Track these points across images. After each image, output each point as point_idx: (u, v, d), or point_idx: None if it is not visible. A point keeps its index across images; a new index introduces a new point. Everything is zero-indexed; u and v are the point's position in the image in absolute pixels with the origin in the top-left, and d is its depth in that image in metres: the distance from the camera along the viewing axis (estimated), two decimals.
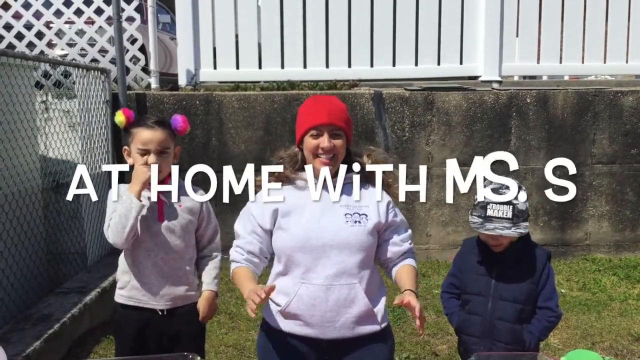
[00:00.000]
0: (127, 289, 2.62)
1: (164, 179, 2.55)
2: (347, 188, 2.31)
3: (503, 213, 2.38)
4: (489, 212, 2.39)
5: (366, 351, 2.28)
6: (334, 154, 2.26)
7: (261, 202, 2.29)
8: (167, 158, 2.57)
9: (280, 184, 2.33)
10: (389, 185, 2.35)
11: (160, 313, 2.61)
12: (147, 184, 2.48)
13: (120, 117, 2.59)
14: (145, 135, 2.54)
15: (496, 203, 2.39)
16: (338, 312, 2.24)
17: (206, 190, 2.25)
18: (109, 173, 5.51)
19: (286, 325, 2.30)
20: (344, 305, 2.24)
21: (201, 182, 2.73)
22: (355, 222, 2.26)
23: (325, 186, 2.28)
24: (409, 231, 2.41)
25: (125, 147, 2.64)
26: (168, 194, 2.56)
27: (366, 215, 2.29)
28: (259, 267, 2.33)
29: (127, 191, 2.51)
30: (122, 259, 2.65)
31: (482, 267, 2.53)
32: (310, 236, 2.23)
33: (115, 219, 2.47)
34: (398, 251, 2.35)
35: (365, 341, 2.29)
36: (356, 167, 2.30)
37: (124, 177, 2.60)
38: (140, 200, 2.48)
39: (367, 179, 2.35)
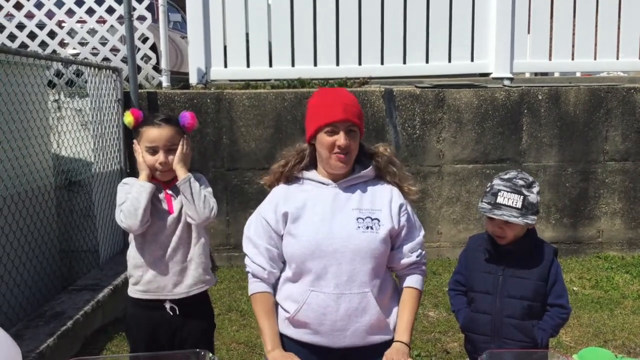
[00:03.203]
0: (142, 283, 2.63)
1: (173, 175, 2.62)
2: (359, 189, 2.27)
3: (513, 202, 2.38)
4: (499, 200, 2.40)
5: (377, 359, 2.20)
6: (349, 151, 2.19)
7: (273, 208, 2.26)
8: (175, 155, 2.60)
9: (284, 185, 2.31)
10: (402, 181, 2.31)
11: (171, 313, 2.63)
12: (148, 170, 2.56)
13: (129, 118, 2.60)
14: (153, 134, 2.56)
15: (507, 191, 2.40)
16: (349, 321, 2.18)
17: (211, 185, 2.26)
18: (121, 171, 5.60)
19: (294, 333, 2.25)
20: (355, 315, 2.18)
21: (210, 180, 2.77)
22: (368, 227, 2.19)
23: (335, 187, 2.26)
24: (421, 235, 2.34)
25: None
26: (174, 189, 2.64)
27: (378, 221, 2.21)
28: (276, 277, 2.30)
29: (136, 181, 2.59)
30: (132, 254, 2.66)
31: (489, 264, 2.53)
32: (320, 243, 2.16)
33: (127, 203, 2.51)
34: (406, 262, 2.30)
35: (376, 350, 2.22)
36: (370, 166, 2.29)
37: (136, 174, 2.65)
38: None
39: (381, 173, 2.30)
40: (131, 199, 2.51)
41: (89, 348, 4.12)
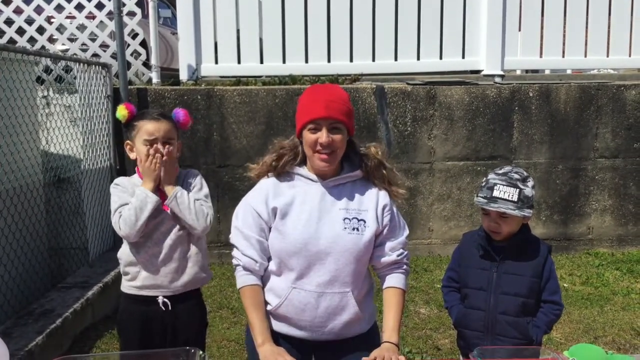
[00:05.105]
0: (138, 279, 2.62)
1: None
2: (347, 188, 2.27)
3: (509, 195, 2.40)
4: (495, 193, 2.41)
5: (353, 353, 2.23)
6: (332, 150, 2.17)
7: (263, 200, 2.25)
8: (171, 150, 2.58)
9: (275, 178, 2.29)
10: (391, 184, 2.30)
11: (163, 308, 2.61)
12: (158, 180, 2.54)
13: (122, 112, 2.58)
14: (151, 127, 2.54)
15: (503, 185, 2.41)
16: (327, 318, 2.21)
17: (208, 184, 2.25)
18: (110, 168, 5.57)
19: (274, 325, 2.28)
20: (334, 313, 2.21)
21: (203, 177, 2.75)
22: (354, 229, 2.20)
23: (323, 185, 2.25)
24: (404, 234, 2.33)
25: (128, 141, 2.64)
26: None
27: (364, 222, 2.22)
28: (265, 268, 2.28)
29: (139, 186, 2.56)
30: (127, 252, 2.63)
31: (483, 261, 2.54)
32: (307, 242, 2.17)
33: (128, 212, 2.48)
34: (387, 261, 2.29)
35: (352, 343, 2.27)
36: (358, 167, 2.28)
37: (125, 171, 2.62)
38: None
39: (369, 175, 2.29)
40: (134, 207, 2.48)
41: (79, 346, 4.09)
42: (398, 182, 2.32)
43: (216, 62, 6.35)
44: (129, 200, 2.54)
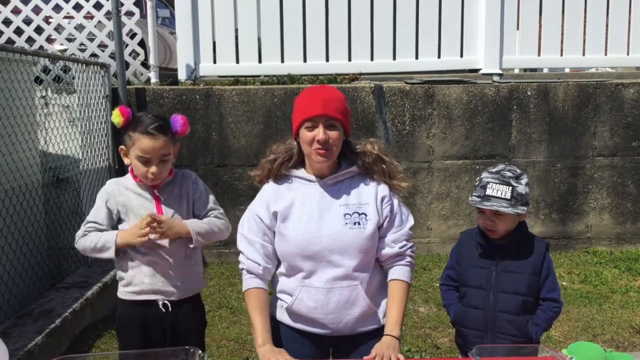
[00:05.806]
0: (133, 284, 2.60)
1: (163, 180, 2.60)
2: (346, 184, 2.29)
3: (502, 193, 2.41)
4: (488, 191, 2.43)
5: (368, 347, 2.23)
6: (329, 146, 2.19)
7: (265, 205, 2.29)
8: (167, 164, 2.54)
9: (274, 183, 2.32)
10: (391, 177, 2.30)
11: (163, 310, 2.61)
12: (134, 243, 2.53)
13: (117, 118, 2.51)
14: (146, 144, 2.46)
15: (496, 183, 2.43)
16: (340, 314, 2.24)
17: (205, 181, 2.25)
18: (109, 168, 5.57)
19: (290, 321, 2.32)
20: (345, 307, 2.23)
21: (200, 177, 2.75)
22: (355, 223, 2.22)
23: (322, 184, 2.28)
24: (407, 227, 2.33)
25: (122, 147, 2.57)
26: (162, 190, 2.60)
27: (366, 215, 2.24)
28: (271, 273, 2.32)
29: (132, 186, 2.58)
30: (121, 257, 2.61)
31: (481, 259, 2.54)
32: (309, 242, 2.21)
33: (90, 242, 2.53)
34: (388, 253, 2.30)
35: (368, 338, 2.28)
36: (356, 163, 2.29)
37: (124, 171, 2.61)
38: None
39: (368, 171, 2.30)
40: (95, 245, 2.51)
41: (78, 345, 4.09)
42: (399, 176, 2.32)
43: (214, 62, 6.35)
44: (102, 220, 2.56)
